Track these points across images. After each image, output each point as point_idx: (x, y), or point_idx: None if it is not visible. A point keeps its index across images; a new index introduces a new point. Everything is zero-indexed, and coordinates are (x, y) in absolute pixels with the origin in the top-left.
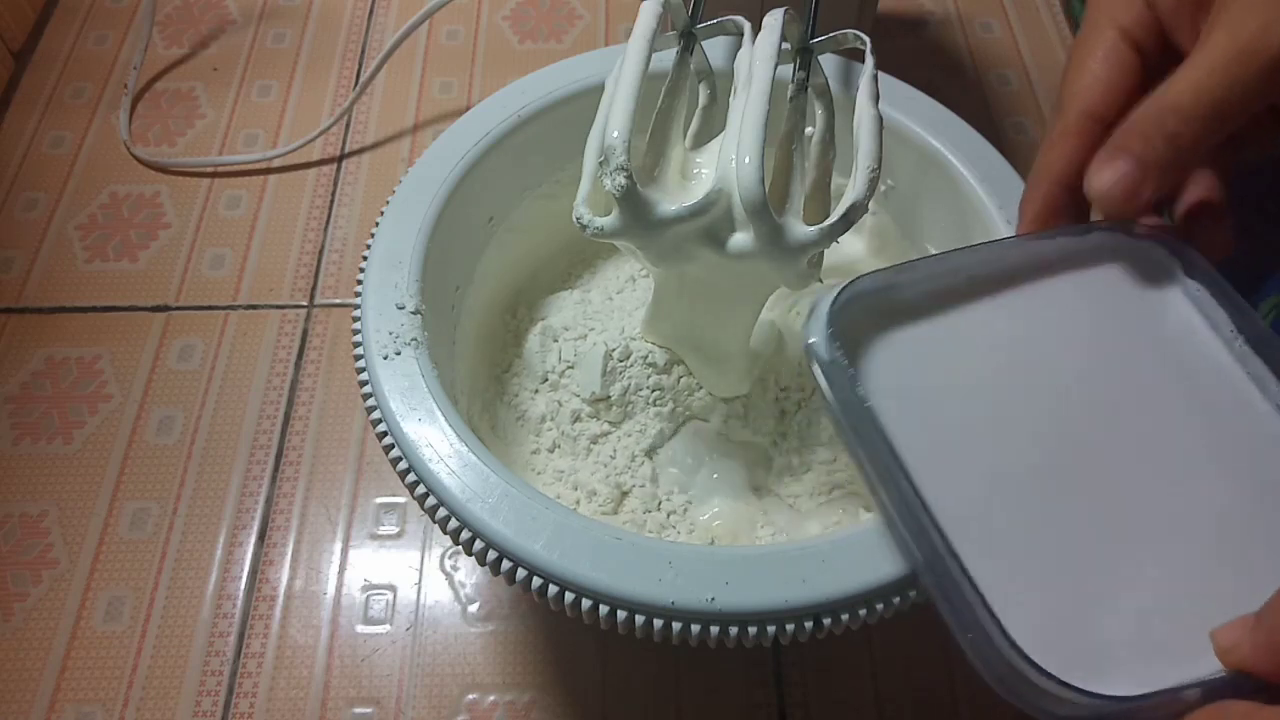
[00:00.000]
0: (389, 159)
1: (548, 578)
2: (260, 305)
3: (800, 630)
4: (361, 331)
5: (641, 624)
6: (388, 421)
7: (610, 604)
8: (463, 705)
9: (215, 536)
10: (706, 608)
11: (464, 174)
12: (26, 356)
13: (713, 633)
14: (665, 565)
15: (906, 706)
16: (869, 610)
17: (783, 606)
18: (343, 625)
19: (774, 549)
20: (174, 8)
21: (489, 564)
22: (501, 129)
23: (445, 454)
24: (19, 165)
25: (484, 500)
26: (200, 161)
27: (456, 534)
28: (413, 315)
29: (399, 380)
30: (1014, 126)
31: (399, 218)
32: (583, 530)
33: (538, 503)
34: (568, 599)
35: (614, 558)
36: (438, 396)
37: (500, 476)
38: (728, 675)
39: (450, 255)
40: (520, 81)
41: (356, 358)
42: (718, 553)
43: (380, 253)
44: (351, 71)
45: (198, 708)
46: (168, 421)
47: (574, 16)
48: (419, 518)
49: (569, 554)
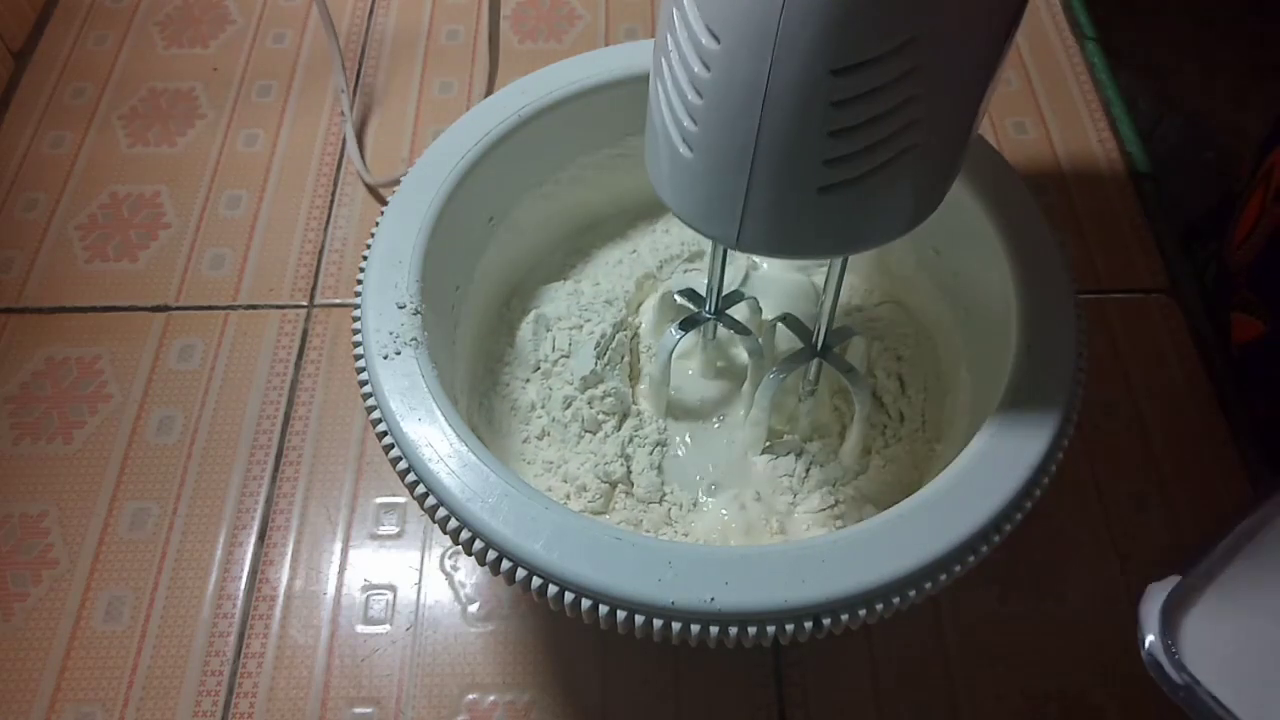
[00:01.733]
0: (389, 159)
1: (547, 578)
2: (260, 305)
3: (800, 630)
4: (362, 331)
5: (641, 624)
6: (388, 421)
7: (610, 604)
8: (463, 705)
9: (215, 536)
10: (706, 608)
11: (464, 174)
12: (26, 356)
13: (712, 633)
14: (665, 565)
15: (906, 706)
16: (869, 610)
17: (782, 606)
18: (343, 625)
19: (774, 549)
20: (174, 8)
21: (489, 564)
22: (502, 129)
23: (445, 454)
24: (19, 165)
25: (484, 500)
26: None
27: (456, 534)
28: (413, 315)
29: (399, 380)
30: (1014, 126)
31: (399, 217)
32: (582, 530)
33: (538, 503)
34: (567, 599)
35: (613, 558)
36: (437, 396)
37: (500, 476)
38: (728, 675)
39: (450, 255)
40: (520, 81)
41: (356, 357)
42: (717, 552)
43: (380, 252)
44: (352, 72)
45: (198, 708)
46: (168, 421)
47: (574, 16)
48: (419, 518)
49: (569, 554)
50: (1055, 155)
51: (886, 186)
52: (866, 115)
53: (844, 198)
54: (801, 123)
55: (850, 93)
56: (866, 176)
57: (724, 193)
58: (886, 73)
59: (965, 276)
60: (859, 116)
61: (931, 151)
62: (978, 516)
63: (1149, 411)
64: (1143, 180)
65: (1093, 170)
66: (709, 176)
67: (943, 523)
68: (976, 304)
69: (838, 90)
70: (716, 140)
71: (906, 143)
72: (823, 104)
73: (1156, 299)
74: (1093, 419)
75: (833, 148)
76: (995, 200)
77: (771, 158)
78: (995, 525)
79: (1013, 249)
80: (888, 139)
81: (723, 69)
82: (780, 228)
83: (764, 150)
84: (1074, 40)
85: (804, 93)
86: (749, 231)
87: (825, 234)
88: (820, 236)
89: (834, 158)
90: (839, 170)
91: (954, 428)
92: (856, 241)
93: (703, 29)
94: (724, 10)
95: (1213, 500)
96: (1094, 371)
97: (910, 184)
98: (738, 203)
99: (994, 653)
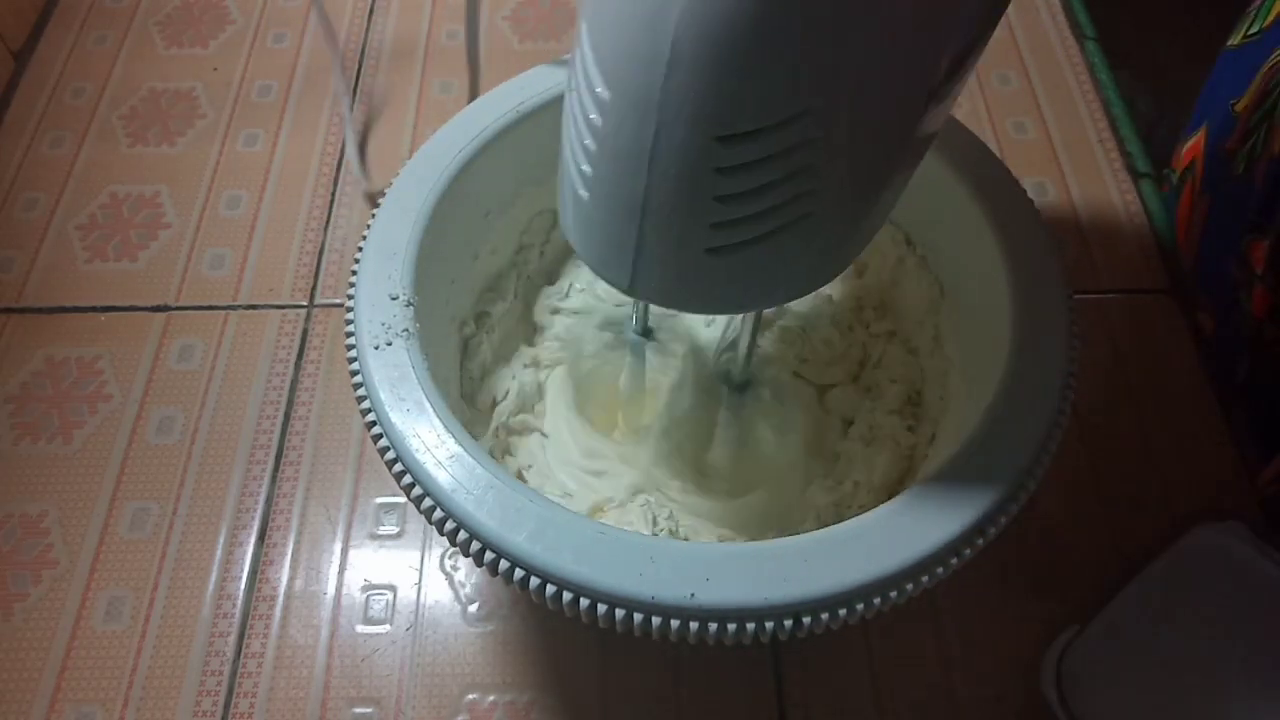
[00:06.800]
0: (389, 159)
1: (530, 570)
2: (260, 305)
3: (780, 628)
4: (355, 321)
5: (622, 618)
6: (376, 411)
7: (591, 598)
8: (463, 705)
9: (215, 536)
10: (687, 603)
11: (462, 167)
12: (26, 356)
13: (692, 629)
14: (647, 560)
15: (905, 706)
16: (849, 610)
17: (763, 604)
18: (343, 625)
19: (756, 547)
20: (174, 8)
21: (473, 555)
22: (501, 123)
23: (432, 445)
24: (19, 165)
25: (469, 492)
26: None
27: (441, 525)
28: (406, 307)
29: (389, 370)
30: (1014, 126)
31: (395, 209)
32: (566, 524)
33: (522, 495)
34: (549, 592)
35: (596, 551)
36: (427, 388)
37: (486, 469)
38: (728, 676)
39: (446, 248)
40: (521, 76)
41: (349, 347)
42: (700, 549)
43: (375, 244)
44: (352, 72)
45: (198, 708)
46: (168, 421)
47: (574, 17)
48: (419, 518)
49: (552, 547)
50: (1055, 156)
51: (776, 252)
52: (754, 183)
53: (733, 260)
54: (688, 185)
55: (736, 160)
56: (756, 241)
57: (617, 241)
58: (774, 143)
59: (960, 277)
60: (746, 184)
61: (828, 220)
62: (961, 520)
63: (1149, 412)
64: (1142, 180)
65: (1093, 170)
66: (603, 223)
67: (926, 526)
68: (971, 305)
69: (723, 157)
70: (609, 189)
71: (798, 212)
72: (708, 169)
73: (1156, 299)
74: (1092, 419)
75: (720, 212)
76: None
77: (659, 215)
78: (978, 529)
79: (1008, 251)
80: (778, 207)
81: (612, 121)
82: (670, 282)
83: (652, 207)
84: (1074, 40)
85: (689, 157)
86: (641, 281)
87: (715, 293)
88: (709, 295)
89: (721, 221)
90: (726, 234)
91: (945, 430)
92: (748, 302)
93: (597, 75)
94: (614, 61)
95: (1212, 500)
96: (1093, 371)
97: (802, 250)
98: (629, 253)
99: (995, 653)
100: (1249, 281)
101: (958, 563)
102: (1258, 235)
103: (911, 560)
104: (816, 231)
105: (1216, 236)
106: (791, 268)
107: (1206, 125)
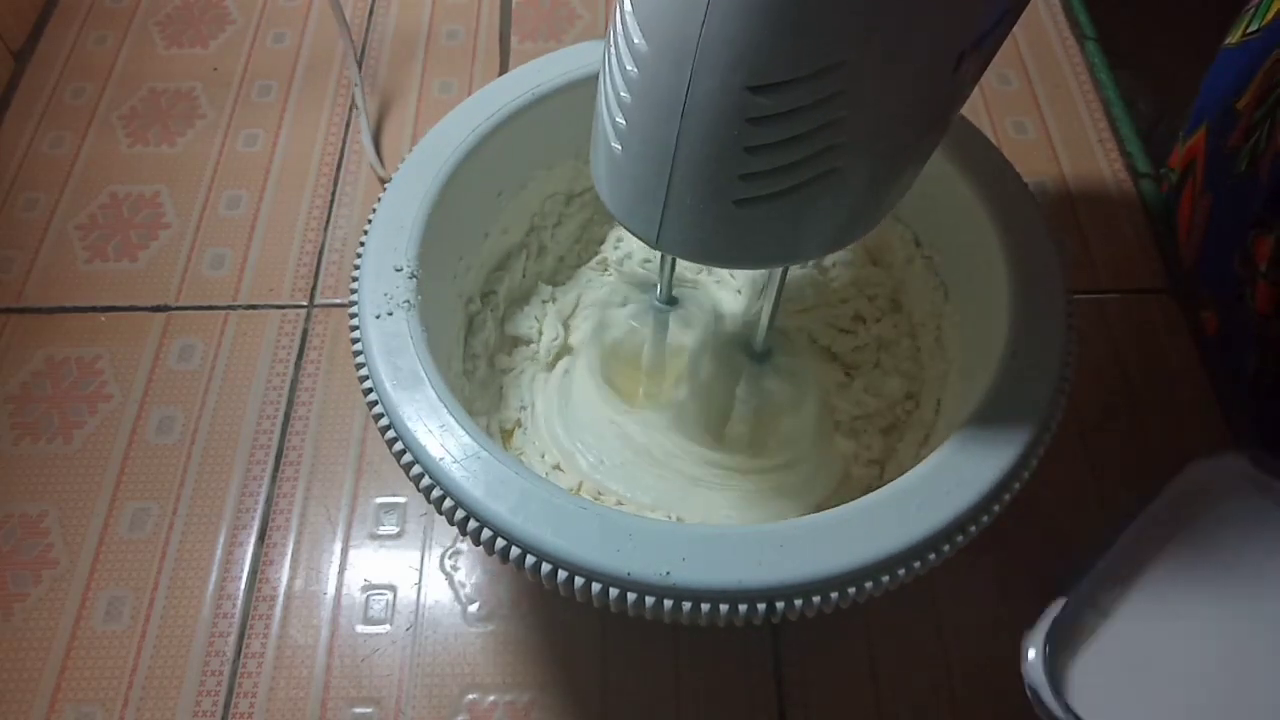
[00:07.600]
0: (389, 159)
1: (511, 539)
2: (260, 305)
3: (753, 613)
4: (358, 290)
5: (598, 591)
6: (373, 378)
7: (569, 570)
8: (463, 705)
9: (215, 536)
10: (661, 581)
11: (475, 145)
12: (26, 356)
13: (667, 606)
14: (625, 536)
15: (906, 705)
16: (823, 598)
17: (736, 587)
18: (343, 625)
19: (735, 530)
20: (174, 8)
21: (457, 522)
22: (516, 104)
23: (425, 414)
24: (19, 165)
25: (456, 460)
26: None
27: (429, 492)
28: (409, 279)
29: (388, 340)
30: (1014, 126)
31: (407, 184)
32: (549, 497)
33: (509, 467)
34: (528, 562)
35: (576, 525)
36: (423, 358)
37: (475, 439)
38: (728, 674)
39: (456, 224)
40: (538, 61)
41: (351, 315)
42: (679, 529)
43: (384, 217)
44: (352, 72)
45: (198, 708)
46: (167, 421)
47: (574, 17)
48: (419, 518)
49: (533, 518)
50: (1055, 155)
51: (805, 206)
52: (784, 134)
53: (760, 213)
54: (718, 135)
55: (767, 111)
56: (784, 194)
57: (646, 193)
58: (805, 95)
59: (961, 276)
60: (776, 135)
61: (856, 176)
62: (940, 516)
63: (1149, 412)
64: (1142, 180)
65: (1093, 170)
66: (634, 175)
67: (906, 519)
68: (971, 304)
69: (755, 107)
70: (641, 140)
71: (827, 165)
72: (739, 119)
73: (1156, 299)
74: (1092, 419)
75: (749, 163)
76: (997, 201)
77: (689, 166)
78: (959, 526)
79: (1010, 251)
80: (807, 159)
81: (648, 72)
82: (697, 235)
83: (682, 157)
84: (1074, 40)
85: (721, 106)
86: (668, 234)
87: (741, 246)
88: (735, 248)
89: (750, 173)
90: (755, 185)
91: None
92: (772, 257)
93: (635, 28)
94: (653, 14)
95: None
96: (1093, 371)
97: (830, 206)
98: (658, 205)
99: (995, 651)
100: (1253, 278)
101: (936, 559)
102: (1263, 231)
103: (886, 554)
104: (843, 188)
105: (1219, 234)
106: (816, 224)
107: (1207, 124)
